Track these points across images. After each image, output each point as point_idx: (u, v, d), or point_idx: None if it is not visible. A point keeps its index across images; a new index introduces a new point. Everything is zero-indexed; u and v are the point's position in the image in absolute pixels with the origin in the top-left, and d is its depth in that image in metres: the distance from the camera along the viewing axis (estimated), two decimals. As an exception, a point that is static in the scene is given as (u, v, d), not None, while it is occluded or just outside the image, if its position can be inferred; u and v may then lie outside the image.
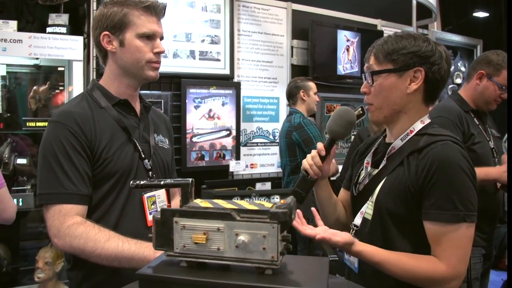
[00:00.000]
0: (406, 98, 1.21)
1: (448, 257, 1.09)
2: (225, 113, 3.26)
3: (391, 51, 1.20)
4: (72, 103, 1.35)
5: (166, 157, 1.48)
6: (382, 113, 1.24)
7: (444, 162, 1.09)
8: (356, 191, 1.31)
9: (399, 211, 1.15)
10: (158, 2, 1.36)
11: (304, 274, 0.78)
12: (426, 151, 1.13)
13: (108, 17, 1.31)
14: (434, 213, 1.09)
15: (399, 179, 1.16)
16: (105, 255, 1.16)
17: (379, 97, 1.23)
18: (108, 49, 1.34)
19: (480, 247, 2.03)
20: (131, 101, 1.40)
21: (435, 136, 1.16)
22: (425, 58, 1.19)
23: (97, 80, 1.42)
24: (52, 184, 1.22)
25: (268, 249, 0.74)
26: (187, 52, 3.11)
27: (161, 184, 0.91)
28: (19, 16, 2.83)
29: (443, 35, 4.70)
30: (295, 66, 3.64)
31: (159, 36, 1.36)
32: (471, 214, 1.09)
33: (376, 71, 1.22)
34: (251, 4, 3.44)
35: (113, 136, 1.30)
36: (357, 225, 1.27)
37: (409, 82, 1.20)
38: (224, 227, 0.76)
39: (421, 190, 1.12)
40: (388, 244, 1.17)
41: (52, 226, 1.21)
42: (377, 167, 1.26)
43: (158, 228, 0.80)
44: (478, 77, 2.09)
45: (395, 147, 1.23)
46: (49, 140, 1.25)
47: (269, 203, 0.80)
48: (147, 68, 1.34)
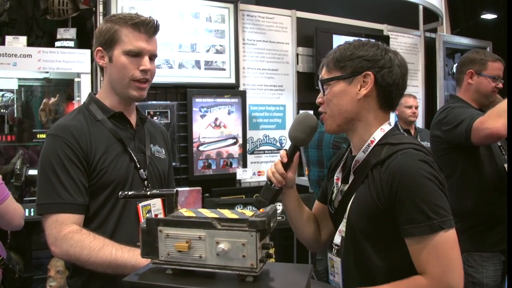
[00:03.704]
0: (358, 104, 1.17)
1: (430, 270, 1.03)
2: (231, 121, 3.30)
3: (340, 59, 1.19)
4: (69, 117, 1.40)
5: (163, 167, 1.51)
6: (334, 121, 1.20)
7: (405, 173, 1.05)
8: (332, 209, 1.27)
9: (369, 228, 1.11)
10: (148, 19, 1.37)
11: (284, 281, 0.79)
12: (388, 163, 1.09)
13: (102, 33, 1.36)
14: (408, 228, 1.04)
15: (365, 195, 1.12)
16: (99, 263, 1.19)
17: (330, 105, 1.19)
18: (100, 64, 1.39)
19: (499, 253, 1.99)
20: (126, 114, 1.43)
21: (396, 145, 1.12)
22: (373, 62, 1.16)
23: (93, 93, 1.46)
24: (49, 195, 1.27)
25: (247, 257, 0.76)
26: (193, 62, 3.16)
27: (147, 195, 0.94)
28: (29, 32, 2.92)
29: (451, 38, 4.67)
30: (300, 74, 3.66)
31: (147, 54, 1.36)
32: (446, 220, 1.03)
33: (325, 79, 1.20)
34: (256, 13, 3.48)
35: (109, 147, 1.34)
36: (337, 243, 1.22)
37: (359, 87, 1.17)
38: (205, 235, 0.78)
39: (389, 205, 1.07)
40: (362, 262, 1.13)
41: (50, 234, 1.25)
42: (347, 182, 1.22)
43: (144, 237, 0.83)
44: (469, 76, 2.12)
45: (359, 160, 1.18)
46: (47, 153, 1.30)
47: (250, 212, 0.82)
48: (131, 86, 1.36)
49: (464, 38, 4.78)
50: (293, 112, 3.59)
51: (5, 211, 2.07)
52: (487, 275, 1.97)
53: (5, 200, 2.09)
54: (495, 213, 1.96)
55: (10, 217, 2.09)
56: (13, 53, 2.57)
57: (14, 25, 2.93)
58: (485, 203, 1.98)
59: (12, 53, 2.57)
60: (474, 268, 1.98)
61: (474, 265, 1.98)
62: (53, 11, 2.78)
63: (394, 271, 1.09)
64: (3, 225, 2.14)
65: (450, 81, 4.60)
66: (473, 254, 1.97)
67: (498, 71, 2.10)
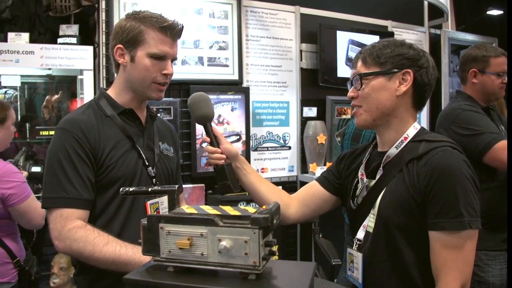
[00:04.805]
0: (396, 100, 1.20)
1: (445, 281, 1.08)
2: (234, 118, 3.28)
3: (379, 55, 1.21)
4: (78, 111, 1.39)
5: (171, 165, 1.51)
6: (371, 115, 1.22)
7: (446, 169, 1.08)
8: (355, 204, 1.28)
9: (404, 221, 1.13)
10: (176, 23, 1.37)
11: (287, 279, 0.78)
12: (427, 158, 1.12)
13: (124, 31, 1.34)
14: (440, 222, 1.08)
15: (400, 189, 1.15)
16: (102, 259, 1.19)
17: (368, 99, 1.22)
18: (120, 62, 1.37)
19: (505, 251, 1.96)
20: (137, 111, 1.42)
21: (433, 142, 1.15)
22: (413, 60, 1.20)
23: (104, 89, 1.45)
24: (55, 189, 1.26)
25: (250, 254, 0.74)
26: (196, 58, 3.14)
27: (148, 191, 0.93)
28: (31, 28, 2.92)
29: (456, 35, 4.62)
30: (304, 70, 3.63)
31: (170, 58, 1.37)
32: (474, 220, 1.07)
33: (365, 73, 1.22)
34: (259, 9, 3.45)
35: (117, 143, 1.34)
36: (360, 239, 1.24)
37: (398, 84, 1.20)
38: (207, 232, 0.77)
39: (423, 198, 1.10)
40: (395, 256, 1.15)
41: (54, 229, 1.25)
42: (373, 178, 1.24)
43: (146, 234, 0.82)
44: (472, 76, 2.07)
45: (390, 155, 1.21)
46: (55, 146, 1.30)
47: (253, 209, 0.81)
48: (152, 88, 1.36)
49: (470, 34, 4.73)
50: (297, 109, 3.57)
51: (26, 210, 2.09)
52: (493, 274, 1.94)
53: (26, 199, 2.10)
54: (503, 213, 1.93)
55: (30, 217, 2.10)
56: (15, 50, 2.56)
57: (16, 21, 2.92)
58: (494, 203, 1.94)
59: (15, 50, 2.56)
60: (480, 267, 1.95)
61: (479, 264, 1.95)
62: (55, 8, 2.76)
63: (425, 263, 1.12)
64: (23, 224, 2.16)
65: (455, 78, 4.56)
66: (479, 253, 1.94)
67: (503, 66, 2.05)
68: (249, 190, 1.42)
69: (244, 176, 1.40)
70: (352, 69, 1.28)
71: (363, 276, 1.21)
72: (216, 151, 1.33)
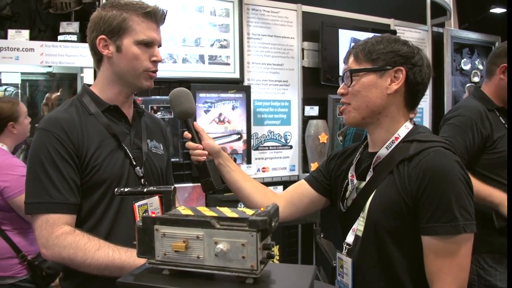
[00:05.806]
0: (387, 99, 1.16)
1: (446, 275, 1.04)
2: (235, 117, 3.26)
3: (371, 51, 1.16)
4: (60, 109, 1.31)
5: (160, 164, 1.44)
6: (360, 113, 1.17)
7: (438, 170, 1.03)
8: (345, 207, 1.24)
9: (394, 225, 1.09)
10: (159, 8, 1.33)
11: (286, 283, 0.76)
12: (418, 159, 1.07)
13: (106, 20, 1.27)
14: (433, 226, 1.03)
15: (390, 191, 1.10)
16: (95, 265, 1.13)
17: (357, 96, 1.17)
18: (104, 54, 1.30)
19: None
20: (123, 107, 1.36)
21: (425, 142, 1.10)
22: (406, 58, 1.15)
23: (88, 85, 1.38)
24: (38, 193, 1.19)
25: (247, 258, 0.72)
26: (196, 56, 3.12)
27: (144, 191, 0.90)
28: (32, 25, 2.90)
29: (459, 33, 4.59)
30: (306, 68, 3.61)
31: (157, 44, 1.32)
32: (469, 224, 1.02)
33: (355, 70, 1.17)
34: (261, 7, 3.43)
35: (102, 143, 1.27)
36: (349, 243, 1.19)
37: (390, 82, 1.15)
38: (203, 235, 0.75)
39: (415, 202, 1.05)
40: (384, 261, 1.11)
41: (40, 236, 1.17)
42: (364, 179, 1.19)
43: (140, 236, 0.80)
44: (502, 71, 1.97)
45: (381, 156, 1.16)
46: (36, 148, 1.22)
47: (251, 210, 0.78)
48: (144, 77, 1.31)
49: (472, 33, 4.70)
50: (299, 108, 3.55)
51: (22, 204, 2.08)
52: (501, 278, 1.88)
53: (23, 193, 2.09)
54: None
55: None
56: (15, 47, 2.55)
57: (17, 18, 2.90)
58: None
59: (15, 47, 2.55)
60: (487, 271, 1.90)
61: (486, 268, 1.91)
62: (55, 5, 2.75)
63: (418, 269, 1.08)
64: (28, 219, 2.14)
65: (458, 77, 4.53)
66: (485, 256, 1.90)
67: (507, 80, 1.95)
68: (233, 188, 1.39)
69: (228, 173, 1.37)
70: (344, 64, 1.23)
71: (353, 282, 1.16)
72: (197, 147, 1.30)
